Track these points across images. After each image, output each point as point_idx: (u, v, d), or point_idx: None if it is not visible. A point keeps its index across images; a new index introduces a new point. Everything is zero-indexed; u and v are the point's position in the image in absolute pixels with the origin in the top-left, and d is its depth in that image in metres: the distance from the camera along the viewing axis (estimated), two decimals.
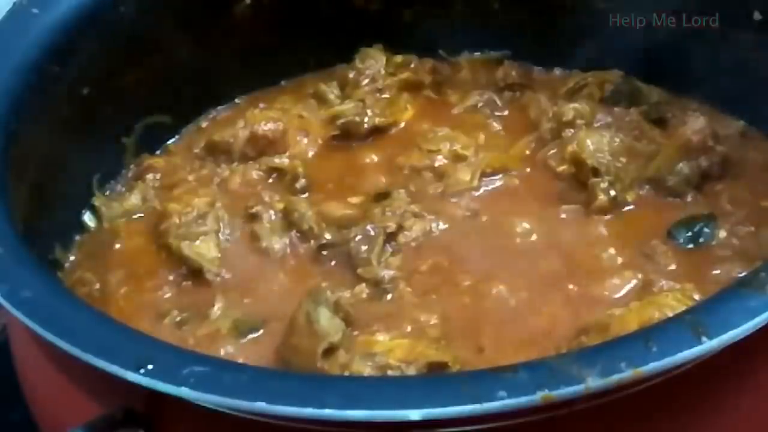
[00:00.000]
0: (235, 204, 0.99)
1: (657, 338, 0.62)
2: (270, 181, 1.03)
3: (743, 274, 0.81)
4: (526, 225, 0.94)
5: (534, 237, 0.94)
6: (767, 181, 0.97)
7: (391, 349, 0.79)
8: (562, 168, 0.99)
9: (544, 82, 1.12)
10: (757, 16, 0.99)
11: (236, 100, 1.15)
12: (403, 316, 0.87)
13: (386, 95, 1.10)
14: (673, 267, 0.89)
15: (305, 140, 1.07)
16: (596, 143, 0.97)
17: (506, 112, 1.09)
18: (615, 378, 0.60)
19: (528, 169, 1.01)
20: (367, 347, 0.80)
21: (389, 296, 0.89)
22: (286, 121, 1.06)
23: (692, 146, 0.96)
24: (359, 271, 0.90)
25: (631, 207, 0.95)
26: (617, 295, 0.87)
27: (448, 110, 1.10)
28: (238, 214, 0.98)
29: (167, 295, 0.93)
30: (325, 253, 0.94)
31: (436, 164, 1.01)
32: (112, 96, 1.02)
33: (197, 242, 0.95)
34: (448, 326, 0.85)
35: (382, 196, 0.98)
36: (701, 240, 0.92)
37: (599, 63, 1.09)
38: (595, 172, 0.96)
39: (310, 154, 1.06)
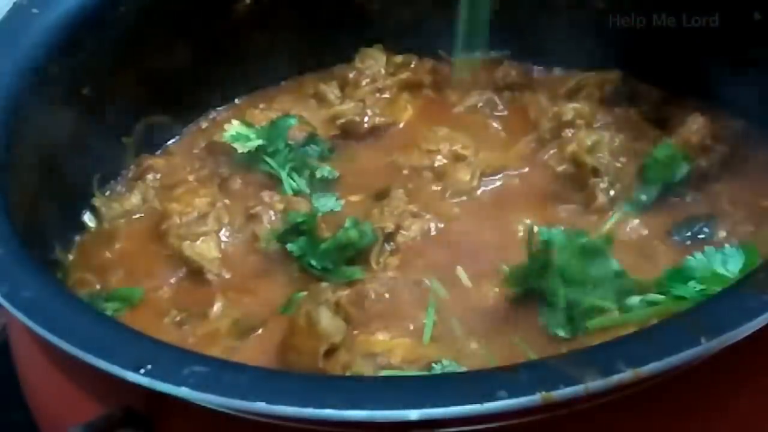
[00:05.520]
0: (235, 204, 0.99)
1: (657, 338, 0.62)
2: (270, 181, 1.03)
3: None
4: (526, 225, 0.94)
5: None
6: (767, 181, 0.97)
7: (391, 349, 0.79)
8: (561, 168, 0.99)
9: (544, 82, 1.12)
10: (757, 16, 0.99)
11: (236, 100, 1.15)
12: (403, 315, 0.86)
13: (386, 95, 1.10)
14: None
15: None
16: (596, 143, 0.97)
17: (506, 112, 1.09)
18: (615, 378, 0.60)
19: (528, 169, 1.01)
20: (367, 347, 0.80)
21: (388, 296, 0.89)
22: None
23: (692, 146, 0.96)
24: None
25: (631, 207, 0.95)
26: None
27: (448, 110, 1.10)
28: (239, 214, 0.98)
29: (167, 295, 0.93)
30: None
31: (436, 164, 1.01)
32: (112, 96, 1.02)
33: (198, 242, 0.95)
34: (447, 326, 0.85)
35: (381, 196, 0.98)
36: (701, 240, 0.92)
37: (599, 63, 1.09)
38: (595, 172, 0.96)
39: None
